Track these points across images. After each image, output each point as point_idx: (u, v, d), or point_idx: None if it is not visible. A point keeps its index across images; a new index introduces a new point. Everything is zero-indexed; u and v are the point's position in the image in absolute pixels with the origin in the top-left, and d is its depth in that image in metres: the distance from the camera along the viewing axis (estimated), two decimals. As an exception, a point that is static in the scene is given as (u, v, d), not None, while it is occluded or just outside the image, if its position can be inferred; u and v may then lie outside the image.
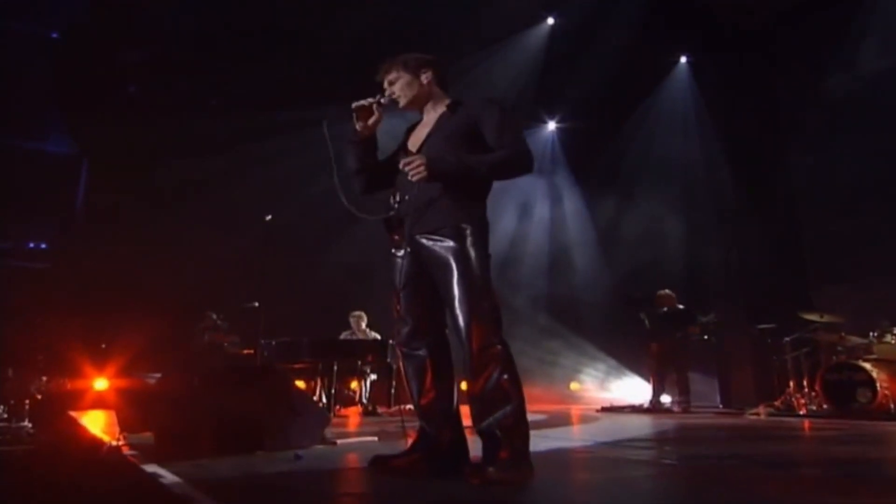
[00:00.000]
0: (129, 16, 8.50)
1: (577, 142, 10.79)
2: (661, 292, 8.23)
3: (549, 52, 9.70)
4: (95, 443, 3.61)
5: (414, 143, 2.72)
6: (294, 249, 8.54)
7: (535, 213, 11.12)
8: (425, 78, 2.74)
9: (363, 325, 8.03)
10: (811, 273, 8.82)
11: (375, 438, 3.75)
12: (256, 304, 7.45)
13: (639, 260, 9.67)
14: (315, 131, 8.53)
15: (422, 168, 2.40)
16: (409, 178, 2.43)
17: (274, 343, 6.83)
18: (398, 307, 2.65)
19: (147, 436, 3.40)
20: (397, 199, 2.62)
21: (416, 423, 2.60)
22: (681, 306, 8.17)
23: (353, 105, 2.67)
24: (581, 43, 9.35)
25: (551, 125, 11.28)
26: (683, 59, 10.31)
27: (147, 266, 8.44)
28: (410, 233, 2.55)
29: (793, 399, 6.30)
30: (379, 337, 7.92)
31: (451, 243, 2.45)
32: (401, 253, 2.62)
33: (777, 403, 6.44)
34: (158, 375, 4.27)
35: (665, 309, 8.17)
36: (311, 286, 9.11)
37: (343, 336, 8.02)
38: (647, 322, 7.94)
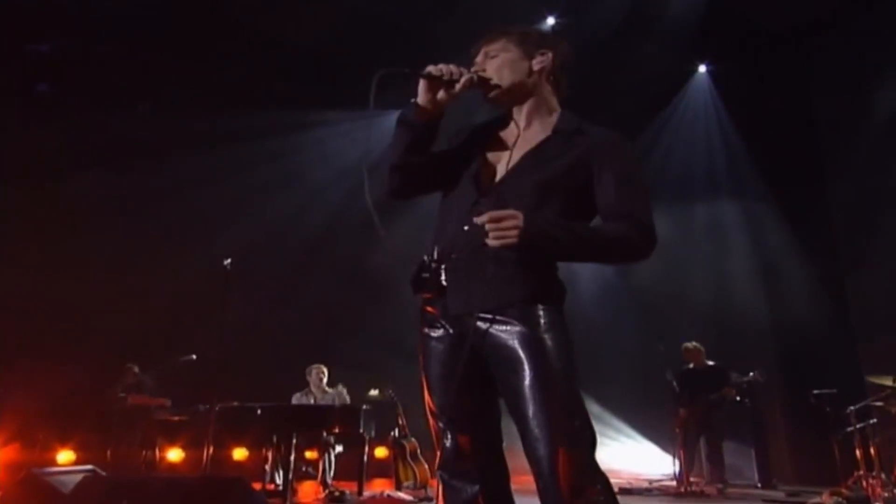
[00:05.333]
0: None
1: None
2: (688, 345, 7.79)
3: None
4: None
5: (490, 167, 2.07)
6: (245, 287, 7.89)
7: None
8: (538, 63, 2.09)
9: (324, 381, 7.45)
10: (856, 321, 8.45)
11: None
12: (194, 356, 6.93)
13: (657, 302, 9.22)
14: (273, 143, 7.99)
15: (514, 233, 1.78)
16: (489, 240, 1.80)
17: (217, 409, 6.10)
18: (434, 408, 2.03)
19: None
20: (435, 256, 2.00)
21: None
22: (710, 362, 7.70)
23: (427, 69, 1.99)
24: (585, 48, 8.95)
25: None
26: (702, 68, 9.98)
27: (53, 300, 7.81)
28: (457, 308, 1.96)
29: (865, 483, 5.82)
30: (348, 398, 7.37)
31: (518, 327, 1.88)
32: (438, 333, 2.02)
33: (844, 490, 5.95)
34: (69, 476, 3.52)
35: (691, 365, 7.72)
36: (267, 334, 8.54)
37: (297, 396, 7.42)
38: (674, 383, 7.40)
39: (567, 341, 1.91)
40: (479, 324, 1.92)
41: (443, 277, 1.98)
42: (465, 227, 1.93)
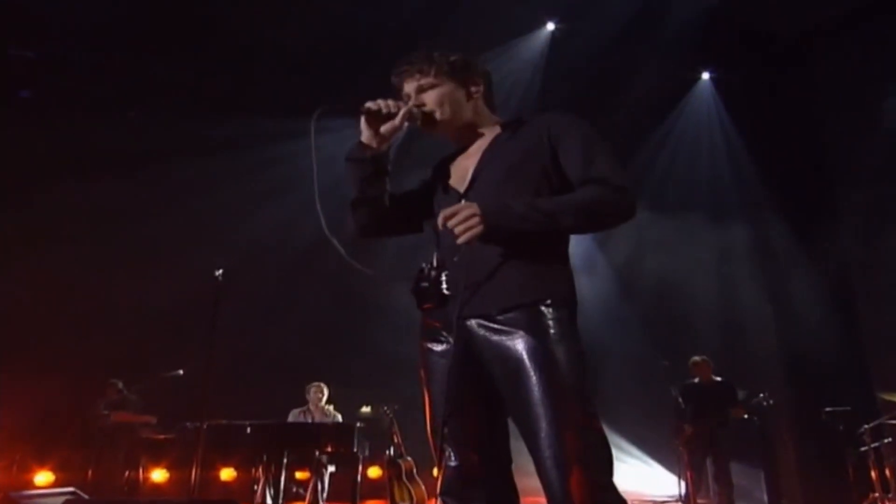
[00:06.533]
0: (23, 3, 7.81)
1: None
2: (696, 358, 7.68)
3: (549, 66, 9.25)
4: None
5: (457, 179, 2.12)
6: (235, 299, 7.85)
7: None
8: (475, 92, 2.17)
9: (323, 400, 7.40)
10: (867, 336, 8.38)
11: None
12: (181, 371, 6.89)
13: (661, 317, 9.14)
14: (266, 151, 7.95)
15: (475, 221, 1.80)
16: (456, 237, 1.83)
17: (205, 426, 6.01)
18: (436, 427, 1.96)
19: None
20: (434, 264, 1.96)
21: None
22: (717, 378, 7.62)
23: (365, 106, 2.06)
24: (585, 54, 8.94)
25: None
26: (706, 76, 9.95)
27: (33, 312, 7.76)
28: (459, 314, 1.91)
29: (881, 506, 5.75)
30: (340, 417, 7.33)
31: (523, 335, 1.84)
32: (441, 347, 1.98)
33: (860, 514, 5.89)
34: (48, 499, 3.42)
35: (697, 380, 7.63)
36: (258, 348, 8.46)
37: (295, 413, 7.36)
38: (680, 399, 7.31)
39: (578, 351, 1.87)
40: (481, 331, 1.88)
41: (444, 286, 1.93)
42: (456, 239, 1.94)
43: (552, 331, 1.84)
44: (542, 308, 1.86)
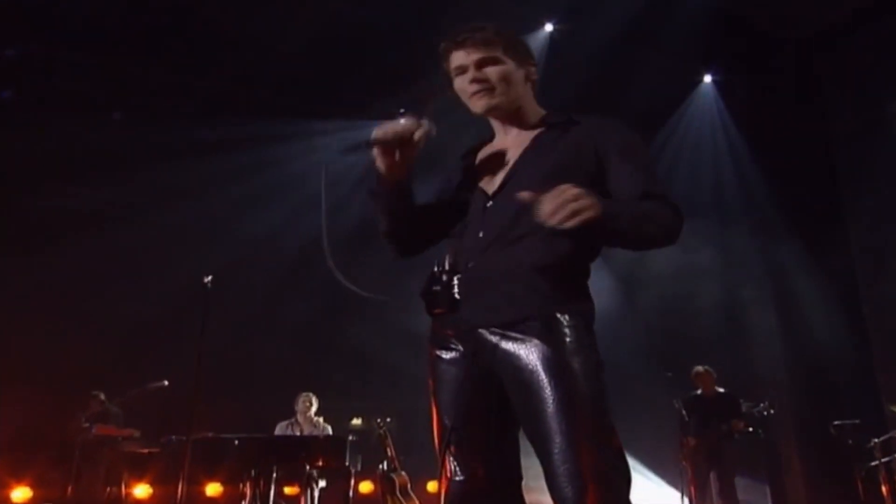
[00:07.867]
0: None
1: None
2: (699, 368, 7.66)
3: (548, 67, 9.22)
4: None
5: (487, 177, 2.03)
6: (223, 307, 7.80)
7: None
8: (532, 74, 2.08)
9: (312, 410, 7.34)
10: (876, 346, 8.37)
11: None
12: (166, 382, 6.74)
13: (663, 327, 9.12)
14: (257, 154, 7.88)
15: (586, 203, 1.62)
16: (557, 222, 1.62)
17: (191, 440, 5.94)
18: (442, 439, 1.91)
19: None
20: (446, 266, 1.91)
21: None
22: (721, 389, 7.59)
23: (372, 138, 1.92)
24: (584, 56, 8.92)
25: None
26: (708, 78, 9.94)
27: (11, 320, 7.63)
28: (471, 321, 1.86)
29: (893, 524, 5.70)
30: (330, 430, 7.29)
31: (537, 344, 1.77)
32: (450, 355, 1.91)
33: (871, 533, 5.85)
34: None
35: (699, 392, 7.61)
36: (246, 358, 8.44)
37: (282, 426, 7.31)
38: (683, 411, 7.28)
39: (596, 362, 1.82)
40: (494, 339, 1.82)
41: (455, 290, 1.88)
42: (481, 234, 1.88)
43: (568, 339, 1.78)
44: (558, 316, 1.80)
